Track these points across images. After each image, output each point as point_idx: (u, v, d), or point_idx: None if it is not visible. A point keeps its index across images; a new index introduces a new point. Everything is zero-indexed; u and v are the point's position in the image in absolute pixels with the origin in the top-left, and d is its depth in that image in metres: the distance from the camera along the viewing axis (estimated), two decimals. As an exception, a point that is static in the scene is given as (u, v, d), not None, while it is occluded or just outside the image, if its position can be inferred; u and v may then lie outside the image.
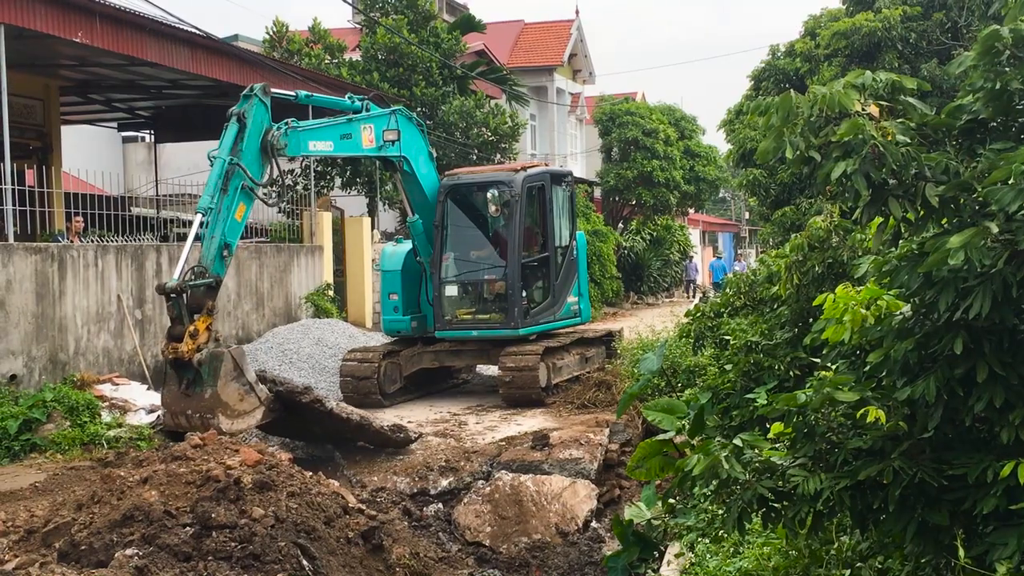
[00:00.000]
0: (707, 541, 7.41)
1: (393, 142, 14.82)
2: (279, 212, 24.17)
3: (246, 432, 12.07)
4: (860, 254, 7.04)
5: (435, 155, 16.60)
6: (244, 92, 12.72)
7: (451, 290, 16.09)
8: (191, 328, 11.55)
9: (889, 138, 4.37)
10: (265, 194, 12.60)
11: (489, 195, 15.48)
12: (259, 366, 17.25)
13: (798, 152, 4.53)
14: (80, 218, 17.70)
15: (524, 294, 15.81)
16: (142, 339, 16.47)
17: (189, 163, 28.93)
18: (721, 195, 66.96)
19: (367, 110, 14.72)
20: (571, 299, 17.18)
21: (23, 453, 12.70)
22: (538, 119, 41.01)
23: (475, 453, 12.61)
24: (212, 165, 12.29)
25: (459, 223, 16.55)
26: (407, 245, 16.76)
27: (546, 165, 18.57)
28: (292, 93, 14.02)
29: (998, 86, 4.46)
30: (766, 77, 26.06)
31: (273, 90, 12.83)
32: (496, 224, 16.19)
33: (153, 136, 27.72)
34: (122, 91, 22.11)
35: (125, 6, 16.35)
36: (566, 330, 17.10)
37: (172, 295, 11.60)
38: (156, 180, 25.28)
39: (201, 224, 12.06)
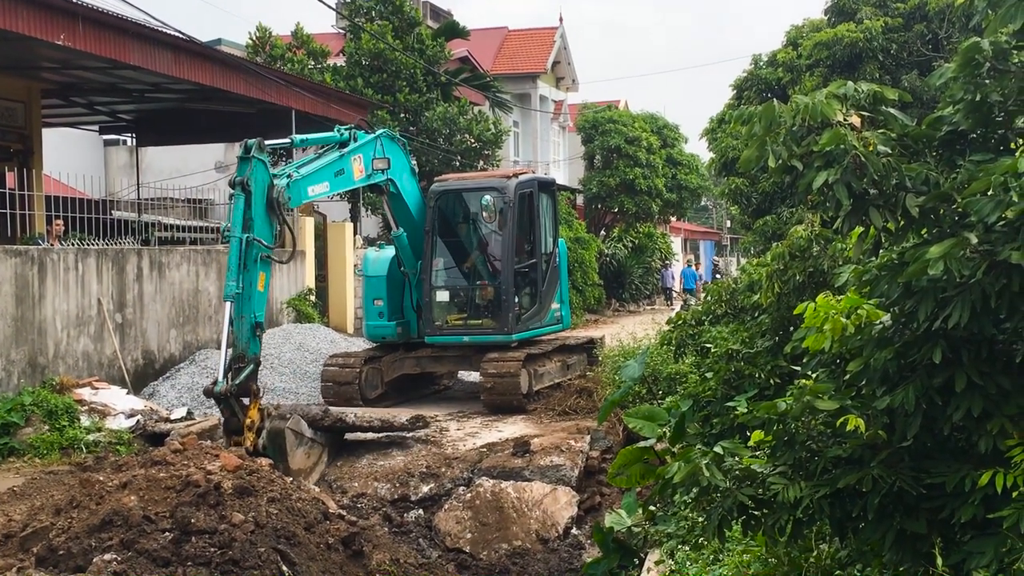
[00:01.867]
0: (687, 548, 7.42)
1: (383, 170, 14.87)
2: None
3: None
4: (841, 263, 7.07)
5: (416, 168, 16.60)
6: (239, 155, 12.20)
7: (442, 295, 16.11)
8: (247, 421, 11.60)
9: (870, 148, 4.40)
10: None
11: (483, 201, 15.51)
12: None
13: (780, 161, 4.56)
14: (60, 221, 17.60)
15: (516, 300, 15.88)
16: (122, 343, 16.39)
17: (171, 167, 28.86)
18: (703, 203, 67.18)
19: (354, 139, 14.58)
20: (554, 306, 17.23)
21: (1, 457, 12.61)
22: (521, 126, 41.05)
23: (456, 459, 12.60)
24: (229, 244, 12.00)
25: (449, 229, 16.57)
26: (390, 250, 16.75)
27: (532, 172, 18.61)
28: (287, 140, 13.81)
29: (978, 98, 4.49)
30: (748, 86, 26.16)
31: (268, 142, 12.53)
32: (488, 230, 16.25)
33: (135, 140, 27.60)
34: (104, 94, 22.00)
35: (108, 9, 16.29)
36: (548, 337, 17.12)
37: (222, 399, 11.63)
38: (138, 184, 25.15)
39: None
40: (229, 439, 11.66)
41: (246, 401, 11.76)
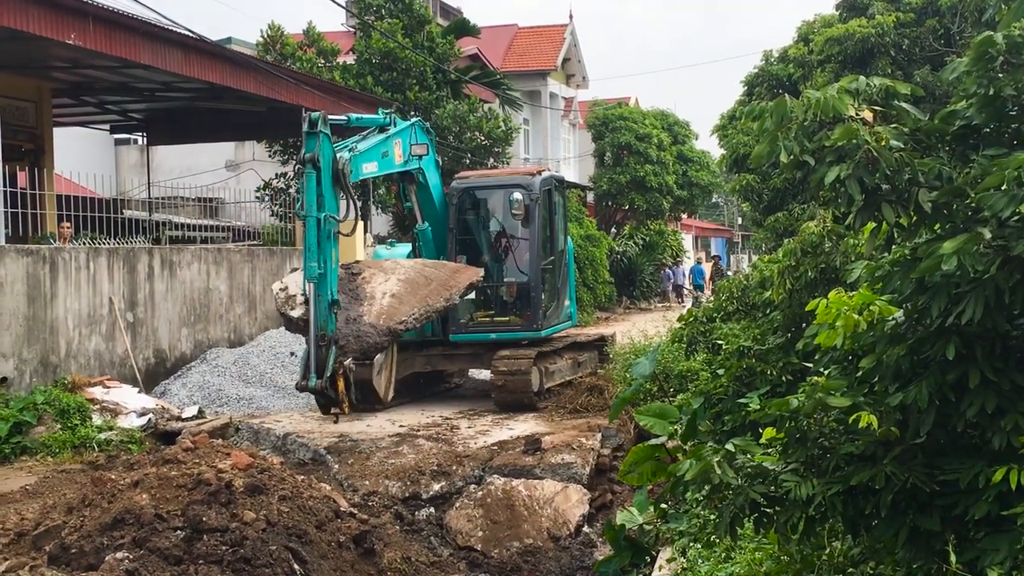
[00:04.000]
0: (699, 546, 7.39)
1: (421, 156, 14.91)
2: (271, 215, 24.15)
3: None
4: (853, 259, 7.04)
5: (440, 162, 16.65)
6: (305, 129, 12.07)
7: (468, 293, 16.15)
8: (344, 407, 11.73)
9: (883, 143, 4.37)
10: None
11: (512, 198, 15.52)
12: (251, 369, 17.27)
13: (792, 157, 4.53)
14: (68, 224, 17.63)
15: (544, 296, 15.94)
16: (134, 342, 16.43)
17: (182, 166, 28.95)
18: (714, 200, 67.09)
19: (394, 124, 14.63)
20: (566, 302, 17.28)
21: (13, 456, 12.66)
22: (531, 123, 41.03)
23: (467, 457, 12.59)
24: (305, 224, 11.86)
25: (472, 226, 16.58)
26: (401, 248, 16.73)
27: (548, 170, 18.66)
28: (344, 118, 13.78)
29: (991, 92, 4.46)
30: (759, 83, 26.10)
31: (330, 117, 12.42)
32: (512, 226, 16.29)
33: (146, 139, 27.66)
34: (115, 93, 22.05)
35: (118, 8, 16.32)
36: (559, 334, 17.12)
37: (318, 392, 11.68)
38: (148, 183, 25.21)
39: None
40: (327, 410, 11.87)
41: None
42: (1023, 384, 4.26)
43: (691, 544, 7.57)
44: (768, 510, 4.87)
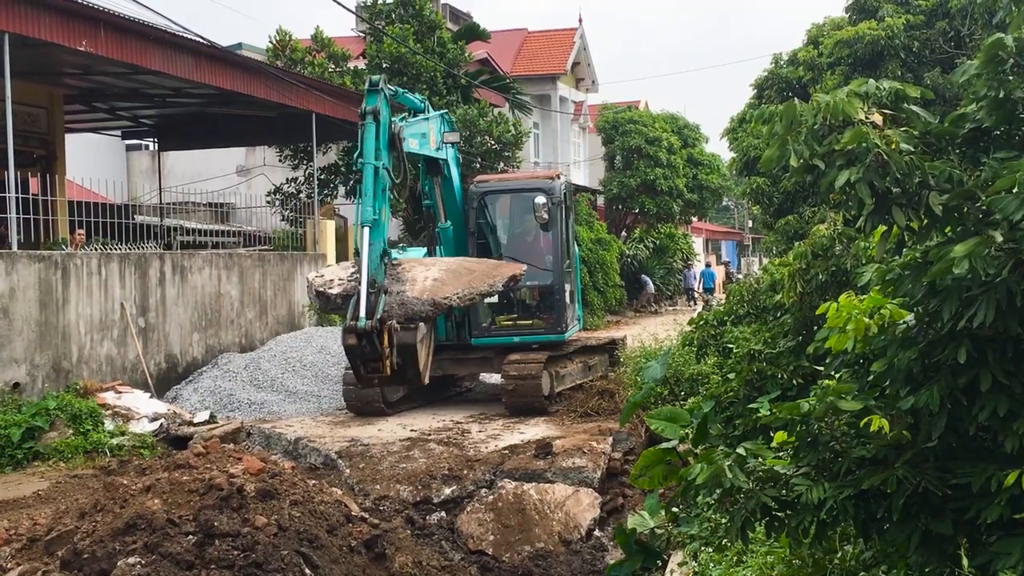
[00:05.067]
0: (710, 550, 7.38)
1: (454, 143, 15.01)
2: (282, 220, 24.20)
3: None
4: (864, 262, 7.02)
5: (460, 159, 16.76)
6: (368, 87, 12.20)
7: (490, 297, 16.18)
8: (387, 360, 11.19)
9: (893, 147, 4.36)
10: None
11: (536, 201, 15.56)
12: (262, 374, 17.29)
13: (802, 160, 4.52)
14: (82, 231, 17.71)
15: (568, 299, 16.13)
16: (145, 347, 16.48)
17: (192, 171, 29.04)
18: (724, 203, 66.92)
19: (427, 110, 14.71)
20: (575, 305, 17.36)
21: (26, 461, 12.70)
22: (541, 127, 41.02)
23: (478, 462, 12.60)
24: (362, 172, 11.89)
25: (493, 229, 16.62)
26: (413, 252, 16.72)
27: (562, 174, 18.74)
28: (392, 90, 13.81)
29: (1002, 95, 4.45)
30: (769, 86, 26.06)
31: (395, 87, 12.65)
32: (532, 230, 16.37)
33: (157, 144, 27.76)
34: (126, 99, 22.15)
35: (129, 15, 16.38)
36: (570, 338, 17.13)
37: (365, 336, 11.10)
38: (160, 188, 25.31)
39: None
40: (366, 366, 11.29)
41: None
42: (1035, 387, 4.25)
43: (702, 548, 7.55)
44: (779, 514, 4.86)
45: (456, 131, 15.27)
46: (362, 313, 11.03)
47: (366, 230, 11.53)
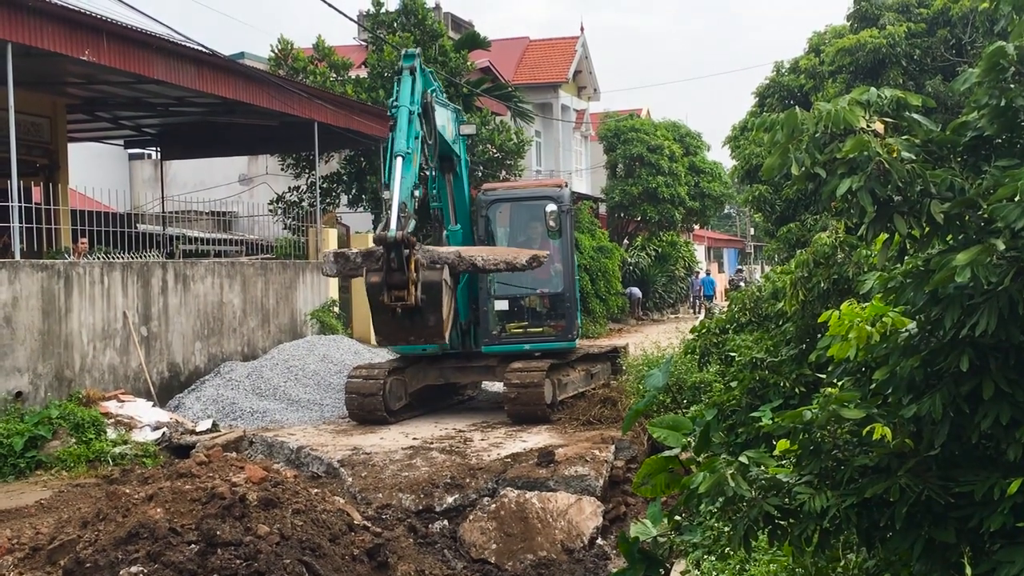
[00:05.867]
0: (713, 558, 7.37)
1: (469, 136, 15.14)
2: (285, 229, 24.22)
3: None
4: (865, 270, 7.03)
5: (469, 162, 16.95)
6: (406, 53, 13.11)
7: (501, 304, 16.22)
8: (413, 276, 11.36)
9: (894, 155, 4.36)
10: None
11: (548, 209, 15.62)
12: (264, 383, 17.29)
13: (803, 168, 4.52)
14: (85, 240, 17.73)
15: (578, 306, 16.24)
16: (148, 356, 16.49)
17: (195, 180, 29.08)
18: (726, 211, 67.02)
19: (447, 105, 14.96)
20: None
21: (28, 470, 12.70)
22: (543, 135, 41.07)
23: (480, 470, 12.59)
24: (396, 115, 12.42)
25: (501, 237, 16.68)
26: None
27: (566, 183, 18.82)
28: (439, 86, 14.20)
29: (1003, 103, 4.45)
30: (771, 94, 26.13)
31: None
32: (539, 238, 16.44)
33: (159, 153, 27.82)
34: (129, 109, 22.19)
35: (132, 24, 16.43)
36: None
37: (393, 246, 11.34)
38: (162, 197, 25.36)
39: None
40: (390, 294, 11.45)
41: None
42: (1038, 395, 4.24)
43: (705, 556, 7.54)
44: (782, 522, 4.85)
45: (472, 123, 15.40)
46: (393, 226, 11.15)
47: (399, 160, 11.81)
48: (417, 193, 12.14)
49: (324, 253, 12.95)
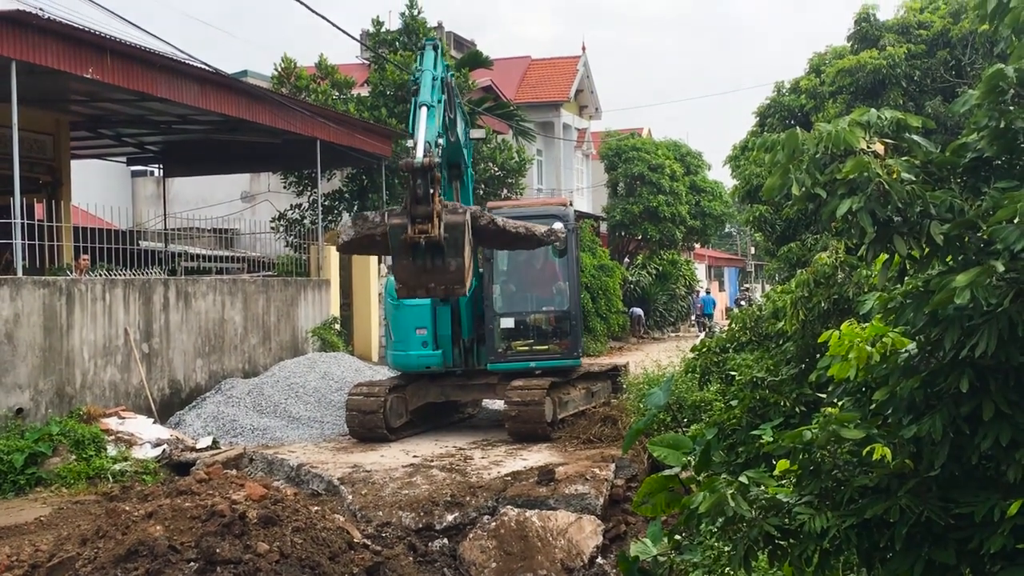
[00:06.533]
0: (713, 578, 7.36)
1: (481, 139, 15.21)
2: (286, 246, 24.26)
3: None
4: (865, 290, 7.04)
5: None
6: (428, 38, 13.78)
7: (506, 322, 16.24)
8: (437, 208, 11.09)
9: (894, 176, 4.38)
10: None
11: (555, 228, 15.63)
12: (265, 400, 17.29)
13: (804, 189, 4.54)
14: (87, 257, 17.75)
15: (583, 324, 16.35)
16: (149, 372, 16.49)
17: (197, 197, 29.13)
18: (727, 230, 67.03)
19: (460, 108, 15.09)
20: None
21: (28, 487, 12.69)
22: (544, 154, 41.16)
23: (481, 488, 12.57)
24: (420, 79, 12.53)
25: (507, 256, 16.68)
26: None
27: (568, 202, 18.91)
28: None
29: (1003, 124, 4.47)
30: (771, 114, 26.16)
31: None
32: (547, 256, 16.52)
33: (162, 170, 27.88)
34: (132, 126, 22.26)
35: (135, 42, 16.49)
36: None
37: (420, 173, 11.13)
38: (164, 214, 25.39)
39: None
40: (415, 227, 11.13)
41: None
42: (1037, 416, 4.25)
43: (705, 576, 7.53)
44: (782, 543, 4.85)
45: (481, 128, 15.55)
46: (419, 153, 11.18)
47: (423, 109, 11.89)
48: (441, 141, 12.12)
49: (338, 226, 13.15)
